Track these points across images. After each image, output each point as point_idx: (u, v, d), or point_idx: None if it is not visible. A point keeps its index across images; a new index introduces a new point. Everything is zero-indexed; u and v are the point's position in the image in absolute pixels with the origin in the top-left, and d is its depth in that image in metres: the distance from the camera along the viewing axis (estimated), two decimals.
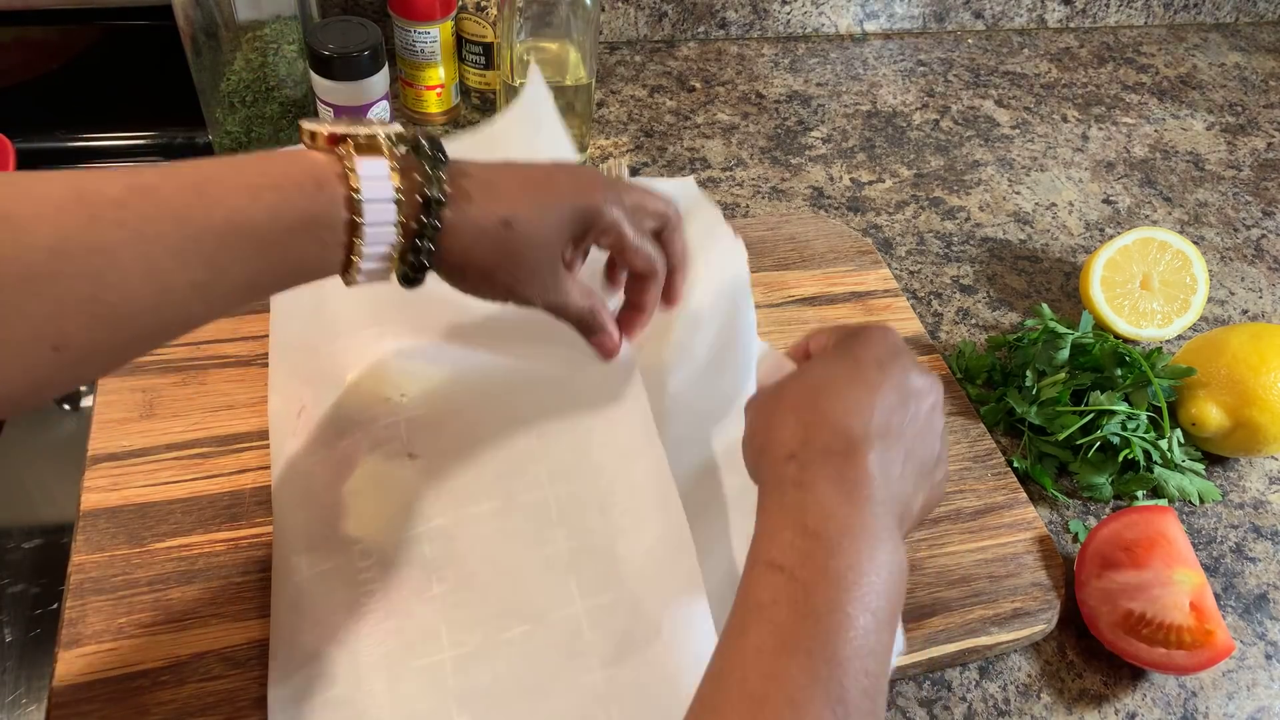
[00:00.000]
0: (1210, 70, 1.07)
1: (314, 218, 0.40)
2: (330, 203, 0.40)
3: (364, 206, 0.40)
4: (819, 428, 0.41)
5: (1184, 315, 0.72)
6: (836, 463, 0.40)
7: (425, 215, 0.42)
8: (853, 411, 0.42)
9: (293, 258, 0.40)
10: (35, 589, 0.54)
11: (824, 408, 0.42)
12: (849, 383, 0.43)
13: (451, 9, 0.80)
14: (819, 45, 1.03)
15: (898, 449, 0.42)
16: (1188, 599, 0.54)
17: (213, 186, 0.38)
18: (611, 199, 0.48)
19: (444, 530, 0.50)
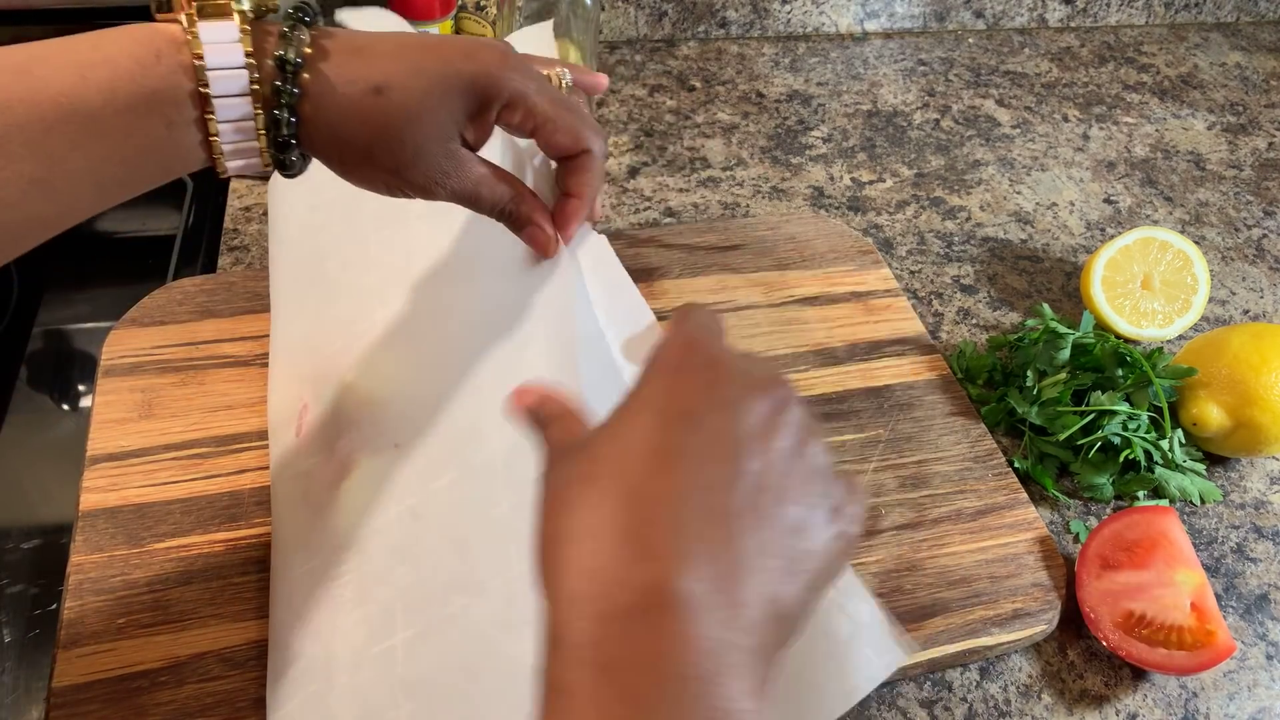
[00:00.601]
0: (1211, 70, 1.07)
1: (154, 93, 0.36)
2: (170, 73, 0.36)
3: (209, 75, 0.36)
4: (594, 574, 0.27)
5: (1185, 315, 0.72)
6: (603, 646, 0.26)
7: (280, 80, 0.37)
8: (648, 535, 0.27)
9: (138, 141, 0.36)
10: (34, 589, 0.54)
11: (599, 545, 0.27)
12: (639, 475, 0.28)
13: (451, 8, 0.80)
14: (819, 45, 1.03)
15: (744, 548, 0.28)
16: (1189, 599, 0.54)
17: (39, 67, 0.34)
18: (513, 66, 0.41)
19: (412, 511, 0.49)
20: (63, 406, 0.65)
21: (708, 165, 0.85)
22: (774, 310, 0.70)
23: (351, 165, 0.41)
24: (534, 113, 0.42)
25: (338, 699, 0.44)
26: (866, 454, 0.61)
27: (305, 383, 0.56)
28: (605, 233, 0.76)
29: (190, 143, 0.37)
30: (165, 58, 0.36)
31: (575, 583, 0.27)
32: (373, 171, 0.41)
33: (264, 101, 0.38)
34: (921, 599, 0.54)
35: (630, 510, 0.28)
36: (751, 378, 0.31)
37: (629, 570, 0.26)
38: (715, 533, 0.27)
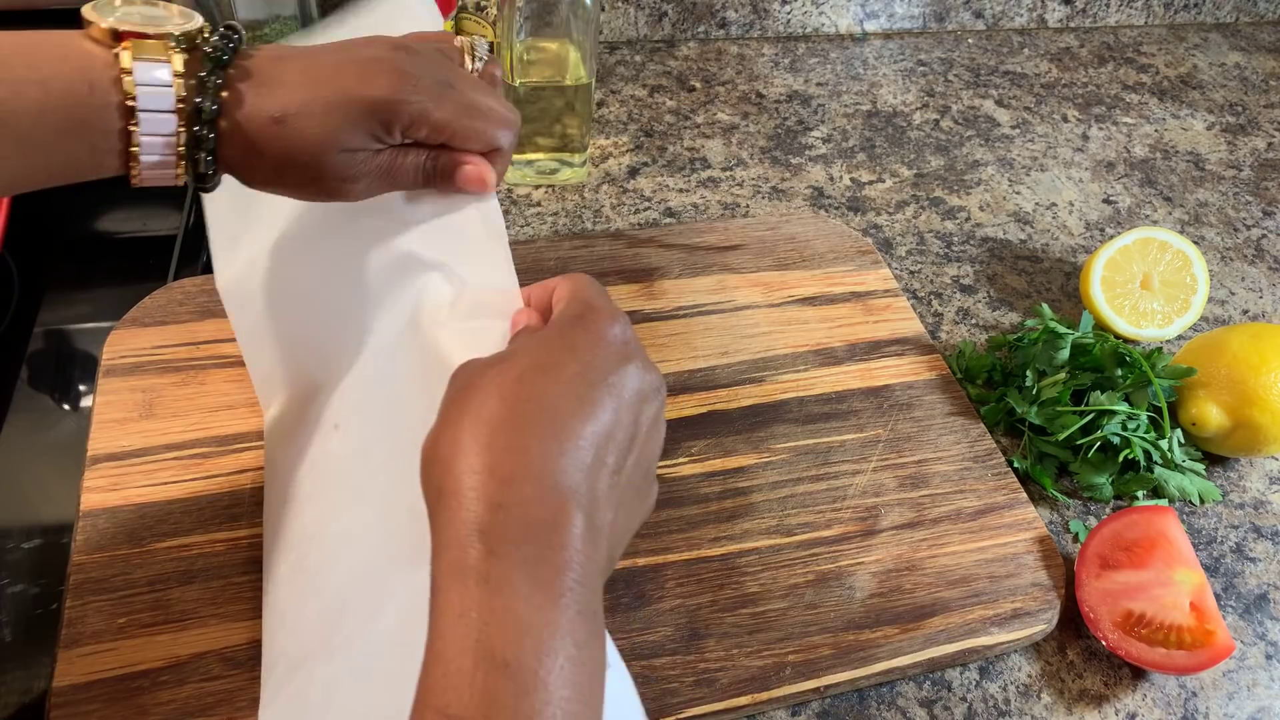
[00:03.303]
0: (1210, 70, 1.07)
1: (84, 123, 0.37)
2: (103, 109, 0.38)
3: (140, 116, 0.38)
4: (521, 480, 0.32)
5: (1184, 315, 0.72)
6: (538, 542, 0.32)
7: (198, 126, 0.39)
8: (568, 453, 0.33)
9: (60, 159, 0.38)
10: (35, 589, 0.54)
11: (530, 444, 0.33)
12: (569, 400, 0.34)
13: (451, 9, 0.80)
14: (819, 45, 1.03)
15: (614, 495, 0.35)
16: (1188, 599, 0.54)
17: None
18: (412, 85, 0.42)
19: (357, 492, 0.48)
20: (63, 406, 0.65)
21: (708, 165, 0.85)
22: (774, 310, 0.70)
23: (267, 184, 0.44)
24: (439, 128, 0.44)
25: (317, 693, 0.44)
26: (866, 454, 0.61)
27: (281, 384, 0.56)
28: (605, 232, 0.76)
29: (109, 164, 0.40)
30: (98, 92, 0.37)
31: (496, 490, 0.32)
32: (288, 188, 0.44)
33: (184, 141, 0.40)
34: (921, 599, 0.54)
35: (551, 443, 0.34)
36: (645, 364, 0.38)
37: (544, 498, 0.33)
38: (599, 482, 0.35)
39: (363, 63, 0.43)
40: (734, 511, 0.58)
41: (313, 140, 0.41)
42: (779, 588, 0.54)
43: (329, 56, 0.43)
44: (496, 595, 0.31)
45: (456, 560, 0.32)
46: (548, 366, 0.36)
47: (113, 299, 0.68)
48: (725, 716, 0.50)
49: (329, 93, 0.41)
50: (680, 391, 0.64)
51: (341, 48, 0.44)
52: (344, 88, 0.42)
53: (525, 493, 0.32)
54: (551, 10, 0.71)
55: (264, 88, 0.41)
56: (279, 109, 0.41)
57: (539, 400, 0.34)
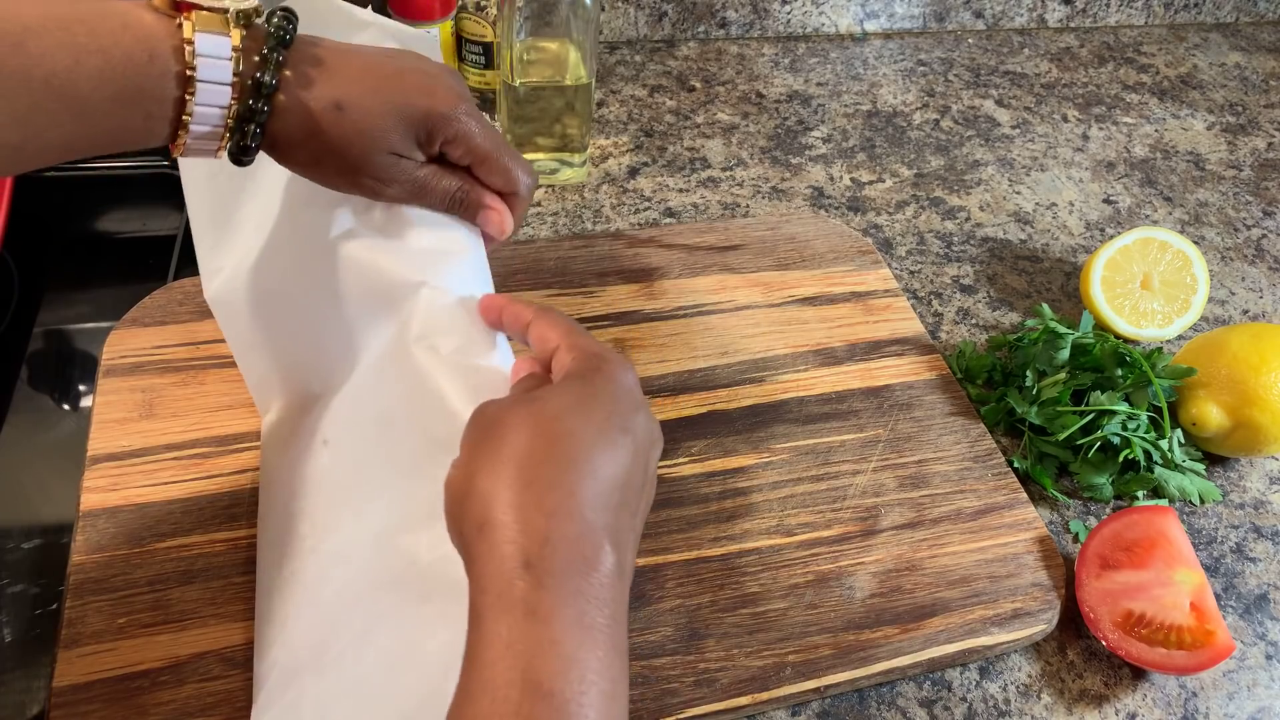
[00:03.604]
0: (1211, 70, 1.07)
1: (141, 90, 0.38)
2: (161, 77, 0.38)
3: (198, 86, 0.39)
4: (565, 516, 0.34)
5: (1184, 315, 0.72)
6: (580, 577, 0.33)
7: (254, 100, 0.40)
8: (602, 493, 0.36)
9: (114, 126, 0.39)
10: (35, 589, 0.54)
11: (572, 485, 0.35)
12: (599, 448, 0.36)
13: (451, 9, 0.80)
14: (819, 45, 1.03)
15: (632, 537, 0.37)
16: (1188, 599, 0.54)
17: (34, 42, 0.36)
18: (465, 109, 0.45)
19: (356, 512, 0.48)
20: (63, 406, 0.65)
21: (708, 165, 0.85)
22: (774, 310, 0.70)
23: (305, 166, 0.44)
24: (474, 150, 0.46)
25: (309, 708, 0.44)
26: (866, 454, 0.61)
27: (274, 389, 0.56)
28: (605, 233, 0.76)
29: (159, 133, 0.40)
30: (158, 60, 0.38)
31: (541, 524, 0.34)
32: (323, 173, 0.45)
33: (237, 115, 0.41)
34: (921, 599, 0.54)
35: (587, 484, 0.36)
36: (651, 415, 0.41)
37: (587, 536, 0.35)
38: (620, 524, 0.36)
39: (425, 74, 0.45)
40: (734, 511, 0.58)
41: (366, 134, 0.43)
42: (779, 588, 0.54)
43: (392, 60, 0.45)
44: (544, 628, 0.32)
45: (503, 592, 0.33)
46: (579, 410, 0.37)
47: (113, 299, 0.68)
48: (725, 716, 0.50)
49: (392, 90, 0.43)
50: (680, 391, 0.64)
51: (403, 55, 0.45)
52: (405, 91, 0.43)
53: (569, 529, 0.34)
54: (551, 10, 0.71)
55: (328, 73, 0.42)
56: (341, 96, 0.42)
57: (576, 440, 0.36)
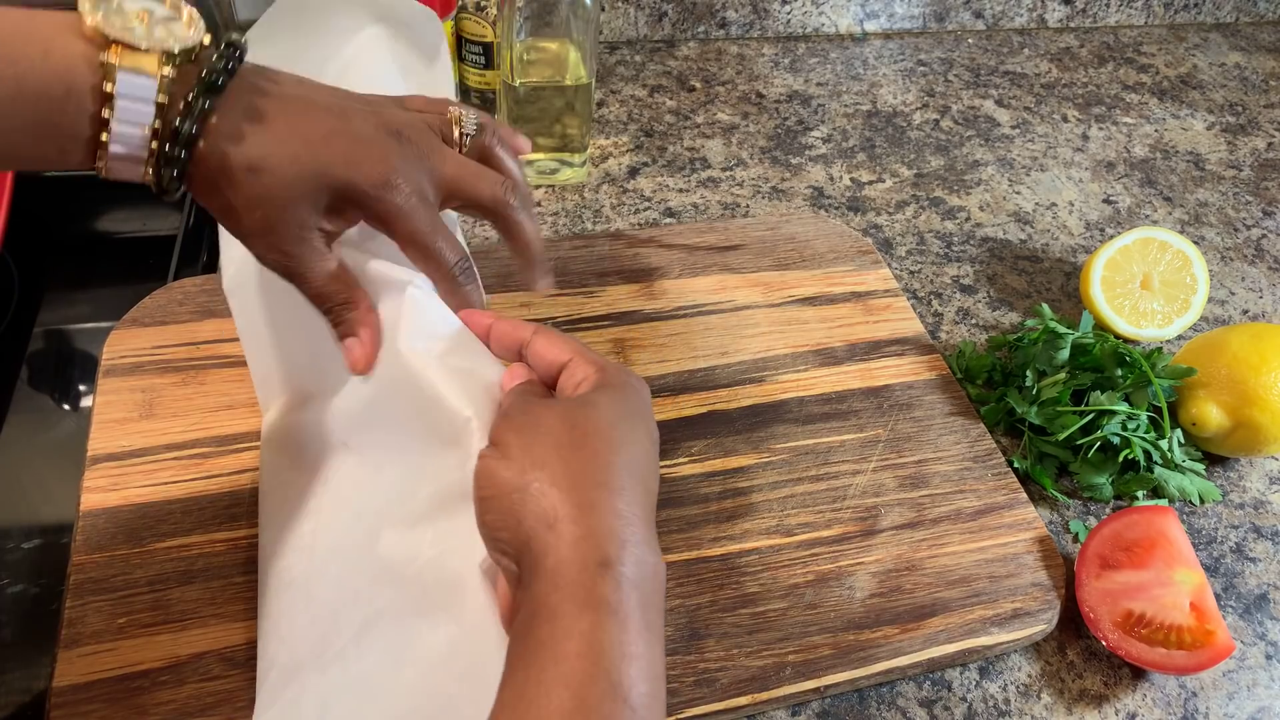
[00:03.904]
0: (1210, 70, 1.07)
1: (55, 125, 0.36)
2: (77, 114, 0.36)
3: (113, 127, 0.37)
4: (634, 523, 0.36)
5: (1184, 315, 0.72)
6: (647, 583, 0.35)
7: (172, 147, 0.38)
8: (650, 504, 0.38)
9: (25, 153, 0.37)
10: (35, 589, 0.54)
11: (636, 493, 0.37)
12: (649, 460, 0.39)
13: (451, 9, 0.80)
14: (819, 45, 1.03)
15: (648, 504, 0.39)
16: (1188, 599, 0.54)
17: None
18: (394, 185, 0.41)
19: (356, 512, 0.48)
20: (63, 406, 0.65)
21: (708, 165, 0.85)
22: (774, 310, 0.70)
23: (218, 213, 0.42)
24: (396, 233, 0.43)
25: (311, 704, 0.43)
26: (866, 454, 0.61)
27: (280, 388, 0.56)
28: (605, 233, 0.76)
29: (76, 161, 0.38)
30: (74, 97, 0.36)
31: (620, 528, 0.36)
32: (231, 225, 0.42)
33: (156, 157, 0.39)
34: (921, 599, 0.54)
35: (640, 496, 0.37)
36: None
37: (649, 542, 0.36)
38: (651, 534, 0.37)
39: (354, 140, 0.41)
40: (734, 511, 0.58)
41: (278, 197, 0.40)
42: (779, 588, 0.54)
43: (326, 118, 0.41)
44: (624, 631, 0.33)
45: (583, 589, 0.34)
46: (630, 421, 0.39)
47: (113, 299, 0.68)
48: (725, 716, 0.50)
49: (311, 160, 0.40)
50: (680, 391, 0.64)
51: (343, 109, 0.42)
52: (326, 161, 0.40)
53: (638, 533, 0.36)
54: (551, 10, 0.71)
55: (252, 126, 0.39)
56: (258, 158, 0.39)
57: (635, 450, 0.38)
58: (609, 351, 0.66)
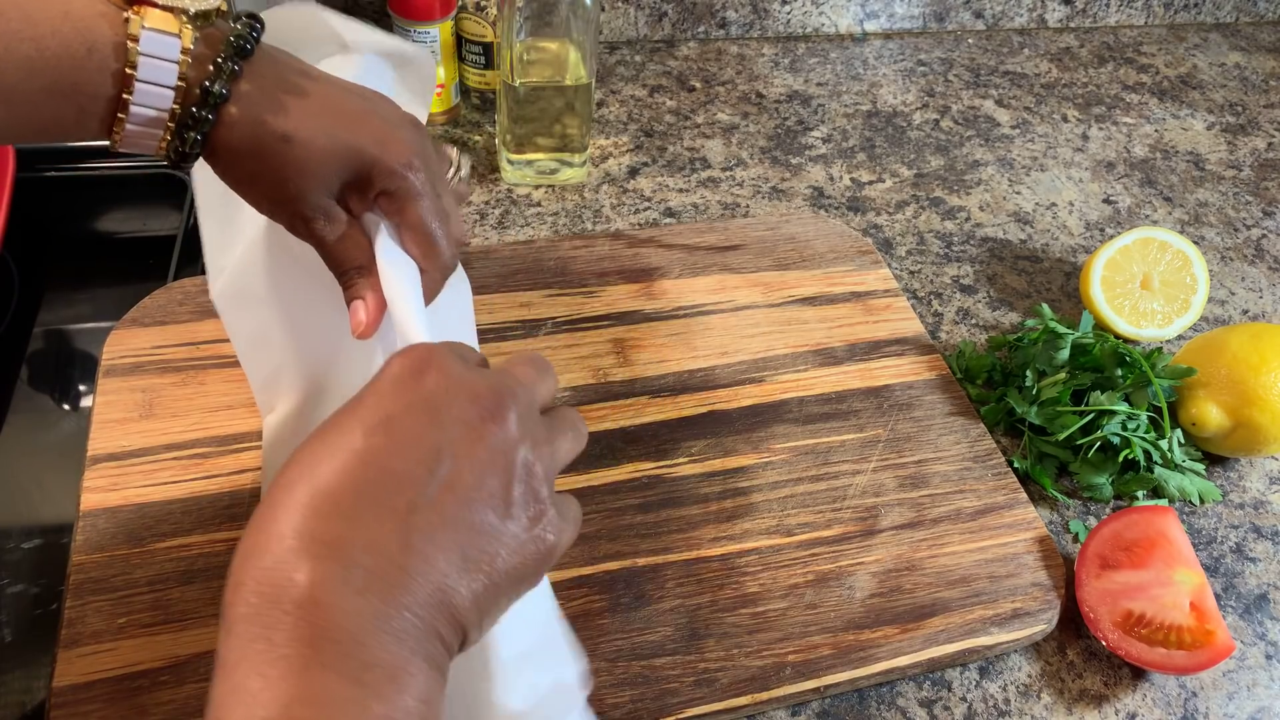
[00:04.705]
0: (1210, 70, 1.07)
1: (75, 85, 0.36)
2: (99, 73, 0.36)
3: (137, 86, 0.37)
4: (258, 554, 0.29)
5: (1184, 315, 0.72)
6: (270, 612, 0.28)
7: (200, 107, 0.38)
8: (317, 509, 0.30)
9: (44, 117, 0.37)
10: (35, 589, 0.54)
11: (277, 514, 0.30)
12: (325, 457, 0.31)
13: (451, 9, 0.80)
14: (819, 45, 1.03)
15: (412, 543, 0.30)
16: (1188, 599, 0.54)
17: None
18: (416, 167, 0.43)
19: None
20: (63, 406, 0.65)
21: (708, 165, 0.85)
22: (774, 310, 0.70)
23: (238, 182, 0.42)
24: (405, 217, 0.44)
25: None
26: (866, 454, 0.61)
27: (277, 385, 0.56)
28: (605, 233, 0.76)
29: (93, 126, 0.38)
30: (96, 55, 0.36)
31: (239, 567, 0.30)
32: (252, 194, 0.43)
33: (178, 121, 0.38)
34: (921, 599, 0.54)
35: (301, 506, 0.30)
36: (466, 388, 0.33)
37: (285, 564, 0.29)
38: (383, 528, 0.30)
39: (385, 122, 0.43)
40: (734, 511, 0.58)
41: (306, 173, 0.41)
42: (779, 588, 0.54)
43: (356, 99, 0.43)
44: (229, 677, 0.28)
45: (224, 621, 0.29)
46: (317, 437, 0.33)
47: (113, 299, 0.68)
48: (725, 716, 0.50)
49: (344, 135, 0.41)
50: (680, 391, 0.64)
51: (368, 95, 0.44)
52: (359, 135, 0.41)
53: (261, 562, 0.29)
54: (551, 10, 0.71)
55: (285, 98, 0.40)
56: (292, 128, 0.40)
57: (305, 465, 0.31)
58: (609, 352, 0.66)
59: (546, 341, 0.66)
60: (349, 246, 0.44)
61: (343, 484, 0.30)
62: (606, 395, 0.63)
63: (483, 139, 0.85)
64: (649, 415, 0.62)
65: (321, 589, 0.28)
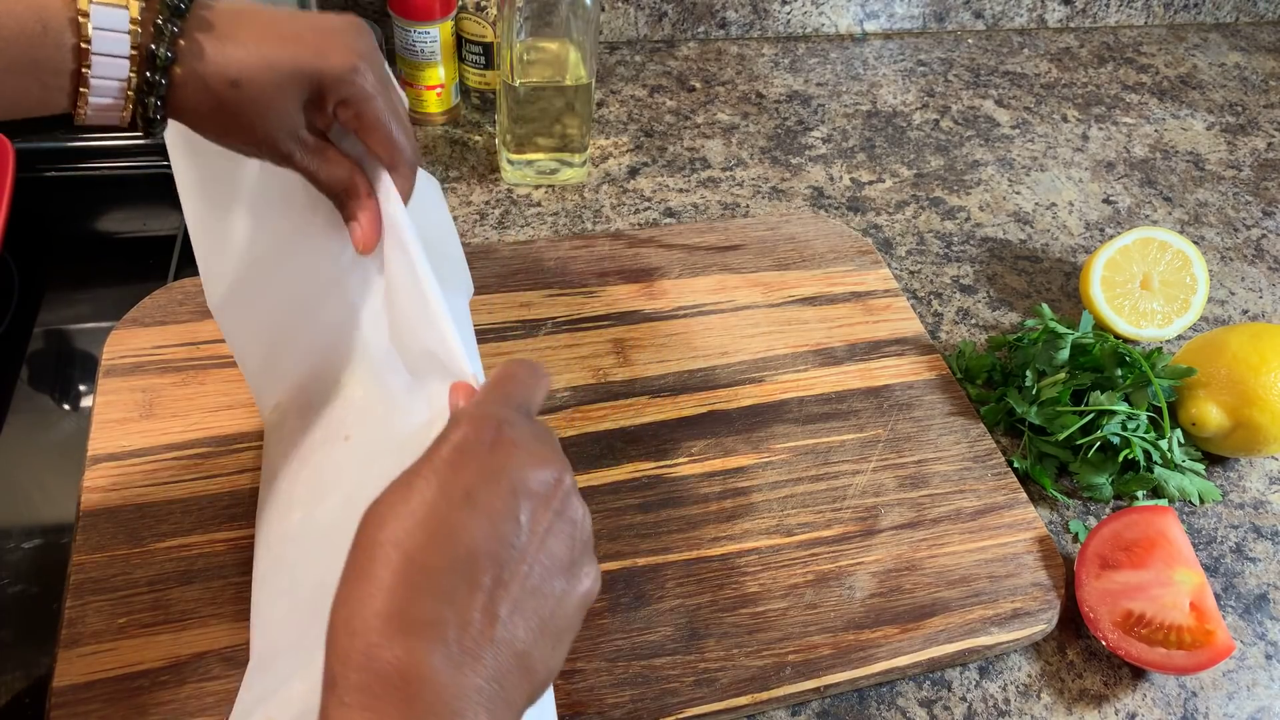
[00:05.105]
0: (1210, 70, 1.07)
1: (36, 62, 0.38)
2: (56, 49, 0.38)
3: (94, 59, 0.38)
4: (360, 634, 0.31)
5: (1184, 315, 0.72)
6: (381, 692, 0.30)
7: (151, 72, 0.40)
8: (418, 587, 0.32)
9: (8, 94, 0.38)
10: (35, 589, 0.54)
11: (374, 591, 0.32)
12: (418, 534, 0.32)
13: (451, 9, 0.80)
14: (819, 45, 1.03)
15: (498, 615, 0.32)
16: (1188, 599, 0.54)
17: None
18: (362, 70, 0.43)
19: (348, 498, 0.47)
20: (64, 406, 0.65)
21: (708, 165, 0.85)
22: (774, 310, 0.70)
23: (215, 137, 0.44)
24: (361, 116, 0.45)
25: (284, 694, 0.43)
26: (866, 454, 0.61)
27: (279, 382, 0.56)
28: (605, 233, 0.76)
29: (58, 102, 0.40)
30: (52, 32, 0.38)
31: (347, 642, 0.31)
32: (231, 142, 0.44)
33: (136, 88, 0.40)
34: (921, 598, 0.54)
35: (399, 582, 0.32)
36: (536, 457, 0.35)
37: (390, 642, 0.31)
38: (474, 603, 0.32)
39: (321, 33, 0.43)
40: (734, 511, 0.58)
41: (264, 110, 0.42)
42: (779, 588, 0.54)
43: (285, 21, 0.43)
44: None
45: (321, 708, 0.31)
46: (401, 501, 0.34)
47: (113, 299, 0.68)
48: (725, 716, 0.50)
49: (283, 59, 0.42)
50: (680, 391, 0.64)
51: (295, 13, 0.44)
52: (297, 55, 0.42)
53: (369, 640, 0.31)
54: (551, 10, 0.71)
55: (221, 43, 0.41)
56: (236, 71, 0.41)
57: (392, 530, 0.33)
58: (609, 351, 0.66)
59: (546, 341, 0.66)
60: (333, 170, 0.46)
61: (435, 562, 0.32)
62: (606, 395, 0.63)
63: (483, 139, 0.85)
64: (649, 415, 0.62)
65: (424, 667, 0.30)
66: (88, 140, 0.80)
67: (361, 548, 0.33)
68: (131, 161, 0.79)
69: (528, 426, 0.36)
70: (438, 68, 0.82)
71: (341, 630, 0.32)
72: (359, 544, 0.33)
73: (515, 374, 0.38)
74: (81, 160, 0.79)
